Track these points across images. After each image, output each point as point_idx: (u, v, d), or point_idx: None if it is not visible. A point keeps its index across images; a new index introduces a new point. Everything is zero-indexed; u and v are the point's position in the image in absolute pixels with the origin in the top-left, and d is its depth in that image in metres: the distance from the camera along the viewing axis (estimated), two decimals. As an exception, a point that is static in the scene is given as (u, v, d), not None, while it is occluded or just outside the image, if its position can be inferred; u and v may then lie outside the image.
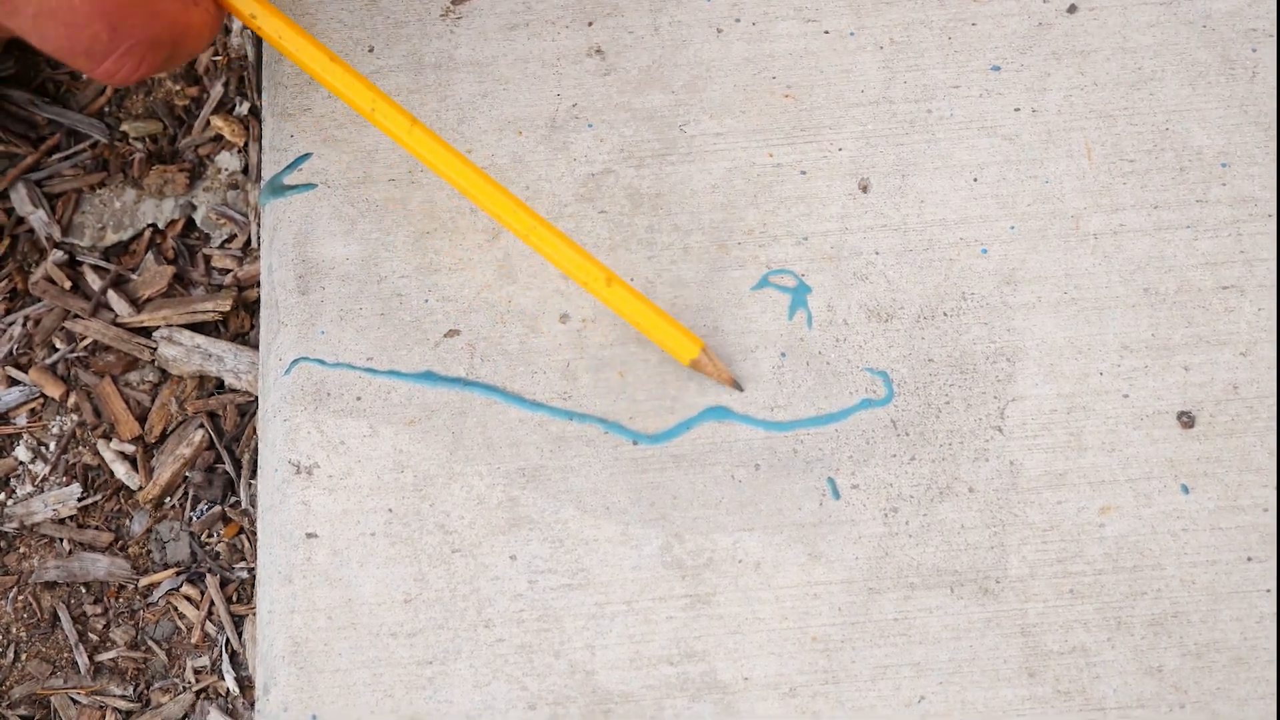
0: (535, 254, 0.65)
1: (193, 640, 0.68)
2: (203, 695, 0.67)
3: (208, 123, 0.76)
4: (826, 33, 0.68)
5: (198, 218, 0.75)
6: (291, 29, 0.60)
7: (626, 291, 0.60)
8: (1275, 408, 0.61)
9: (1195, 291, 0.63)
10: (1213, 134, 0.65)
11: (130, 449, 0.71)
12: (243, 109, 0.76)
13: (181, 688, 0.67)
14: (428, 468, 0.62)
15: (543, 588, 0.60)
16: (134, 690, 0.67)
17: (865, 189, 0.65)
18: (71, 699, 0.67)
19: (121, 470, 0.71)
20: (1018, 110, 0.66)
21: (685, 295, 0.64)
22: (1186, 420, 0.61)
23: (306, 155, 0.67)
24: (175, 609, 0.68)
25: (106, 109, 0.77)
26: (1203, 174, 0.65)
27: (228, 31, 0.77)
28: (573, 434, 0.62)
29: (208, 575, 0.69)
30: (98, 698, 0.67)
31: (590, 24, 0.69)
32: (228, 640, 0.68)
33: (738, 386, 0.60)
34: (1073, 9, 0.68)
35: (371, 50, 0.69)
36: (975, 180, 0.65)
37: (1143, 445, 0.61)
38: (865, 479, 0.61)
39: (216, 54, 0.77)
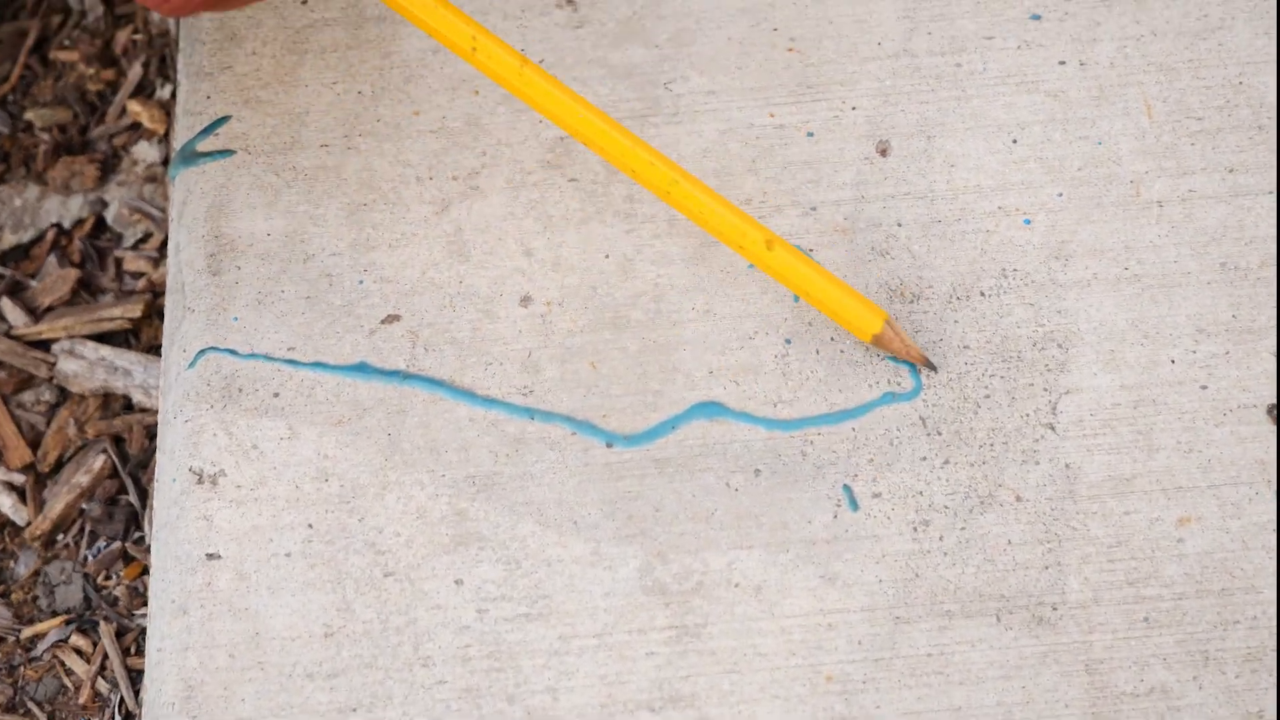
0: (491, 230, 0.59)
1: (80, 701, 0.60)
2: (88, 767, 0.57)
3: (124, 109, 0.68)
4: (836, -18, 0.64)
5: (109, 216, 0.67)
6: None
7: (792, 256, 0.54)
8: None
9: (1283, 266, 0.58)
10: (1294, 89, 0.62)
11: (19, 479, 0.64)
12: (164, 93, 0.68)
13: (63, 758, 0.58)
14: (357, 475, 0.55)
15: (494, 618, 0.53)
16: (6, 762, 0.58)
17: (884, 152, 0.59)
18: (-73, 770, 0.57)
19: (7, 503, 0.63)
20: (1063, 63, 0.62)
21: (671, 273, 0.58)
22: (1280, 415, 0.56)
23: (225, 118, 0.60)
24: (62, 664, 0.61)
25: (10, 97, 0.68)
26: (1285, 133, 0.61)
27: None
28: (534, 435, 0.55)
29: (102, 623, 0.61)
30: (-41, 769, 0.57)
31: (561, -23, 0.64)
32: (121, 700, 0.60)
33: (931, 366, 0.55)
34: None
35: (304, 1, 0.62)
36: (1015, 142, 0.60)
37: (1227, 445, 0.55)
38: (889, 486, 0.54)
39: (136, 30, 0.68)
